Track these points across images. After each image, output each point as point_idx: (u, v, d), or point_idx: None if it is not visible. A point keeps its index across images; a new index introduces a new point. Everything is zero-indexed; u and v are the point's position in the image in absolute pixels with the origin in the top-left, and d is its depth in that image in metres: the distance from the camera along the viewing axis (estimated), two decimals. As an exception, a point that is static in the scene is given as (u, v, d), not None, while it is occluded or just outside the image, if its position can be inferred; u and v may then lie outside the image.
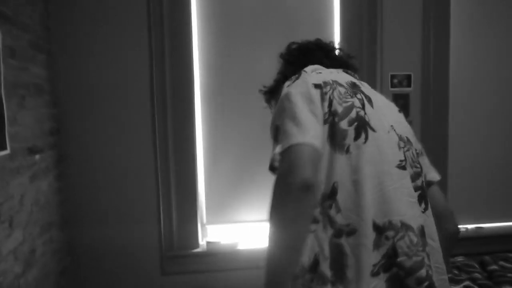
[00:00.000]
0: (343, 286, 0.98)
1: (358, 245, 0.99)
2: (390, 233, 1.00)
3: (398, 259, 0.99)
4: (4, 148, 1.76)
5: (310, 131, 0.99)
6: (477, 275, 2.26)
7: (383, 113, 1.15)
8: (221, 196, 2.65)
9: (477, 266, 2.35)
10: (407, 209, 1.04)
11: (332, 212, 1.01)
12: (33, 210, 2.04)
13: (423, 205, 1.11)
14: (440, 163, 2.68)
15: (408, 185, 1.08)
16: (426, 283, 0.99)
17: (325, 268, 0.99)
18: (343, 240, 0.99)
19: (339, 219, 1.00)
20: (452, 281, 2.16)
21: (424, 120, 2.68)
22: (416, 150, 1.19)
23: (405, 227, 1.02)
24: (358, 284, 0.97)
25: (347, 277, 0.98)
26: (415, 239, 1.02)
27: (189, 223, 2.56)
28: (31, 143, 2.04)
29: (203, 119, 2.61)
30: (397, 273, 0.99)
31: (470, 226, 2.83)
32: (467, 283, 2.12)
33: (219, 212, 2.66)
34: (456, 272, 2.24)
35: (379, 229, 1.00)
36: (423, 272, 1.00)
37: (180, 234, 2.56)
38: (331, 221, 1.01)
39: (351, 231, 1.00)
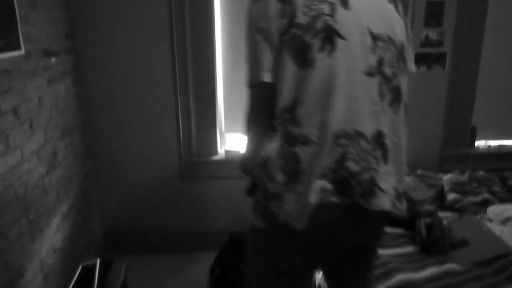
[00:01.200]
0: (294, 186, 1.08)
1: (312, 154, 1.07)
2: (343, 141, 1.08)
3: (346, 164, 1.08)
4: (18, 48, 1.71)
5: (264, 66, 1.09)
6: (496, 188, 2.24)
7: (360, 13, 1.10)
8: (241, 105, 2.61)
9: (497, 180, 2.33)
10: (365, 118, 1.10)
11: (290, 124, 1.09)
12: (52, 113, 2.04)
13: (394, 106, 1.15)
14: (470, 78, 2.58)
15: (373, 92, 1.11)
16: (366, 185, 1.09)
17: (278, 172, 1.10)
18: (298, 149, 1.08)
19: (296, 130, 1.08)
20: (472, 193, 2.15)
21: (458, 28, 2.51)
22: (400, 44, 1.16)
23: (358, 135, 1.09)
24: (309, 185, 1.07)
25: (299, 180, 1.08)
26: (365, 146, 1.09)
27: (208, 131, 2.55)
28: (46, 45, 1.99)
29: (222, 25, 2.49)
30: (344, 175, 1.08)
31: (493, 143, 2.79)
32: (486, 195, 2.11)
33: (238, 121, 2.64)
34: (475, 184, 2.23)
35: (335, 136, 1.07)
36: (366, 176, 1.09)
37: (199, 142, 2.57)
38: (287, 132, 1.09)
39: (307, 141, 1.08)
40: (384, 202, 1.13)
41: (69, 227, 2.20)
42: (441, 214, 2.01)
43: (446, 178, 2.29)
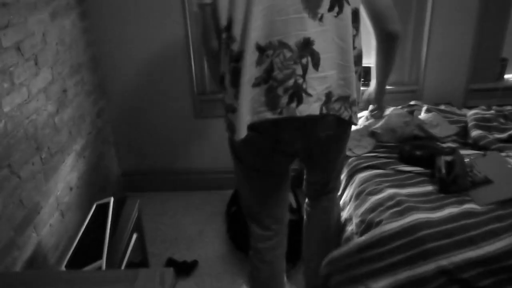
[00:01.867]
0: (235, 93, 1.27)
1: (246, 65, 1.22)
2: (270, 52, 1.22)
3: (273, 73, 1.23)
4: (15, -21, 1.61)
5: None
6: (525, 124, 2.12)
7: None
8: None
9: (526, 116, 2.19)
10: (290, 28, 1.21)
11: (229, 42, 1.25)
12: (59, 49, 1.97)
13: (335, 11, 1.23)
14: (503, 4, 2.37)
15: (296, 1, 1.20)
16: (291, 91, 1.24)
17: (228, 83, 1.30)
18: (238, 64, 1.23)
19: (234, 47, 1.24)
20: (497, 129, 2.04)
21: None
22: None
23: (282, 45, 1.21)
24: (243, 93, 1.24)
25: (239, 89, 1.25)
26: (288, 55, 1.22)
27: (221, 66, 2.46)
28: (46, -24, 1.88)
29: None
30: (272, 84, 1.24)
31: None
32: (513, 132, 2.00)
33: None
34: (502, 120, 2.10)
35: (261, 49, 1.22)
36: (290, 82, 1.23)
37: (212, 80, 2.48)
38: (228, 49, 1.26)
39: (241, 56, 1.22)
40: (311, 107, 1.25)
41: (84, 166, 2.20)
42: (464, 152, 1.91)
43: (471, 113, 2.17)
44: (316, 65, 1.24)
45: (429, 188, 1.71)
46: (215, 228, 2.42)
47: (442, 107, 2.39)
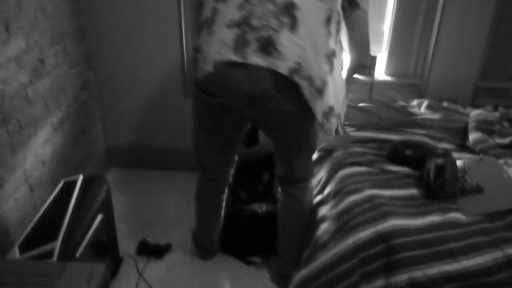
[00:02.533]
0: (208, 32, 1.33)
1: (228, 6, 1.28)
2: (255, 1, 1.27)
3: (250, 20, 1.26)
4: None
5: None
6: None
7: None
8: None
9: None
10: None
11: None
12: (37, 17, 1.87)
13: None
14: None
15: None
16: (262, 42, 1.25)
17: (205, 24, 1.35)
18: (221, 4, 1.30)
19: None
20: (499, 133, 1.88)
21: None
22: None
23: None
24: (215, 32, 1.30)
25: (212, 28, 1.31)
26: (270, 8, 1.26)
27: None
28: None
29: None
30: (245, 30, 1.26)
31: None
32: (515, 137, 1.84)
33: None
34: (506, 124, 1.94)
35: None
36: (264, 33, 1.25)
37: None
38: None
39: None
40: (277, 63, 1.25)
41: (61, 140, 2.12)
42: (459, 155, 1.77)
43: (474, 114, 2.01)
44: (293, 29, 1.27)
45: (413, 191, 1.58)
46: (196, 213, 2.33)
47: (445, 104, 2.24)
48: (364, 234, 1.39)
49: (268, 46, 1.25)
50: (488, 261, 1.31)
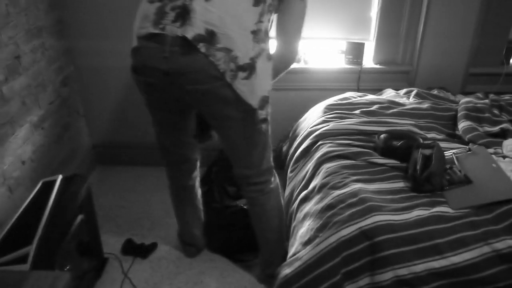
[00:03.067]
0: (138, 10, 1.39)
1: None
2: None
3: None
4: None
5: None
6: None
7: None
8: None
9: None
10: None
11: None
12: (9, 11, 1.80)
13: None
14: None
15: None
16: (178, 11, 1.27)
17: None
18: None
19: None
20: (489, 121, 1.83)
21: None
22: None
23: None
24: (140, 9, 1.37)
25: (140, 6, 1.38)
26: None
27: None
28: None
29: None
30: (165, 1, 1.30)
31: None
32: (506, 125, 1.78)
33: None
34: (496, 111, 1.89)
35: None
36: (179, 2, 1.28)
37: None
38: None
39: None
40: (187, 29, 1.25)
41: (42, 138, 2.07)
42: (447, 145, 1.72)
43: (463, 101, 1.96)
44: None
45: (400, 184, 1.53)
46: (184, 209, 2.29)
47: (435, 91, 2.18)
48: (347, 231, 1.35)
49: (183, 14, 1.26)
50: (476, 256, 1.26)
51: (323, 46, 2.44)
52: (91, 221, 1.80)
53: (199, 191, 1.90)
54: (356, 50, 2.33)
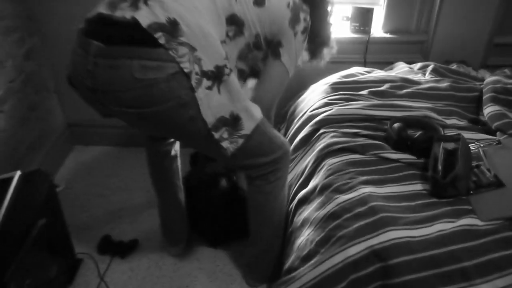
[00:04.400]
0: None
1: None
2: None
3: None
4: None
5: None
6: None
7: None
8: None
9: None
10: None
11: None
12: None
13: None
14: None
15: None
16: None
17: None
18: None
19: None
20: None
21: None
22: None
23: None
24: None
25: None
26: None
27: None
28: None
29: None
30: None
31: None
32: None
33: None
34: None
35: None
36: None
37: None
38: None
39: None
40: (141, 15, 1.03)
41: (2, 123, 1.80)
42: (471, 135, 1.47)
43: (489, 81, 1.68)
44: None
45: (417, 187, 1.29)
46: (169, 198, 2.06)
47: (454, 66, 1.90)
48: (355, 249, 1.11)
49: (138, 2, 1.05)
50: (511, 284, 1.04)
51: (325, 11, 2.13)
52: (57, 223, 1.57)
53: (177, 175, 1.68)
54: (364, 17, 2.03)
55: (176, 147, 1.62)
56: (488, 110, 1.55)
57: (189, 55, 1.03)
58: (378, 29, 2.09)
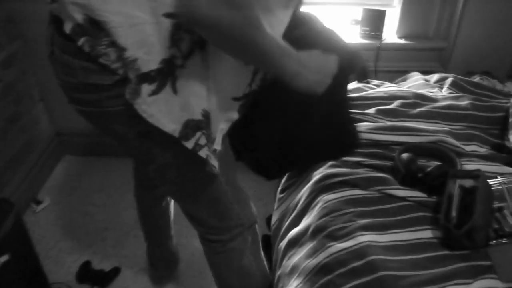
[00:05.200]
0: None
1: None
2: None
3: None
4: None
5: None
6: None
7: None
8: None
9: None
10: None
11: None
12: None
13: None
14: None
15: None
16: None
17: None
18: None
19: None
20: None
21: None
22: None
23: None
24: None
25: None
26: None
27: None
28: None
29: None
30: None
31: None
32: None
33: None
34: None
35: None
36: None
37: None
38: None
39: None
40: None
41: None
42: (494, 168, 1.25)
43: (517, 98, 1.46)
44: None
45: (427, 234, 1.09)
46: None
47: (477, 78, 1.67)
48: (348, 318, 0.93)
49: None
50: None
51: (332, 14, 1.92)
52: (26, 256, 1.42)
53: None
54: (375, 20, 1.82)
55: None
56: (515, 136, 1.33)
57: (119, 59, 0.82)
58: (391, 34, 1.87)
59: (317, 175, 1.29)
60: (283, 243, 1.28)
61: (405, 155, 1.24)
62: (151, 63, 0.83)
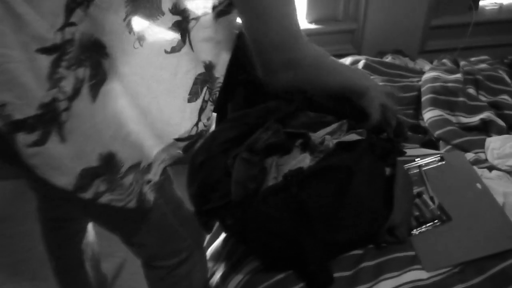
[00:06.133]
0: None
1: None
2: None
3: None
4: None
5: None
6: (505, 98, 1.42)
7: None
8: None
9: (506, 78, 1.49)
10: None
11: None
12: None
13: None
14: None
15: None
16: None
17: None
18: None
19: None
20: (465, 108, 1.33)
21: None
22: None
23: None
24: None
25: None
26: None
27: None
28: None
29: None
30: None
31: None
32: (486, 114, 1.30)
33: None
34: (472, 91, 1.39)
35: None
36: None
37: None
38: None
39: None
40: None
41: None
42: (412, 152, 1.24)
43: (427, 78, 1.45)
44: None
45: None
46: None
47: (389, 58, 1.67)
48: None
49: None
50: None
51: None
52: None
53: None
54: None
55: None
56: (428, 115, 1.32)
57: None
58: (301, 20, 1.81)
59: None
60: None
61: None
62: (25, 109, 0.69)
